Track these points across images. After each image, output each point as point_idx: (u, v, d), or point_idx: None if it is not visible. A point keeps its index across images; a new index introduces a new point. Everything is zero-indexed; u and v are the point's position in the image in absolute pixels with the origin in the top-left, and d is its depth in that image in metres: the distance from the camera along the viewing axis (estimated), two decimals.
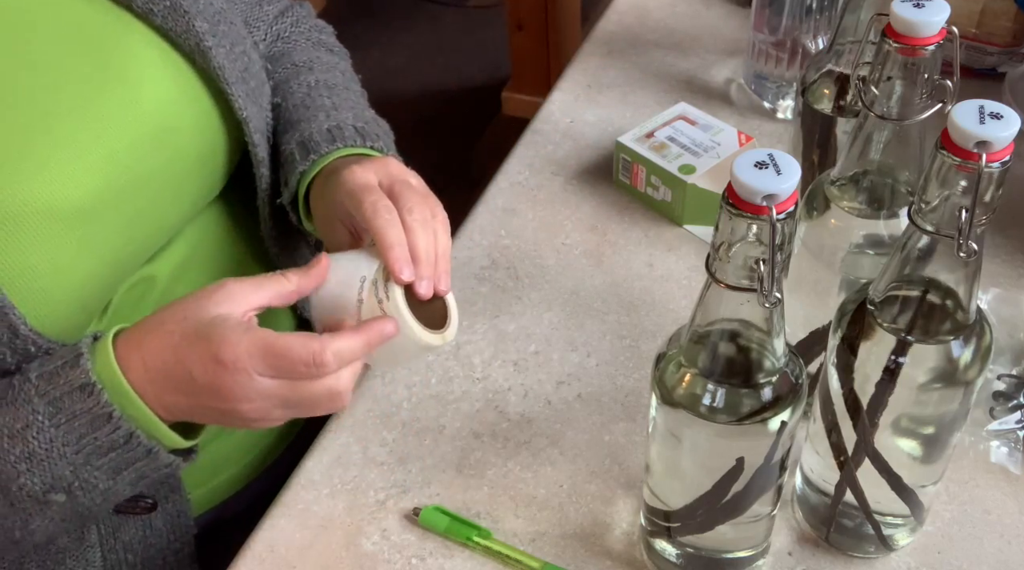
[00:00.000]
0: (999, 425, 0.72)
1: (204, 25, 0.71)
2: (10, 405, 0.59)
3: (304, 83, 0.82)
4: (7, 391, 0.59)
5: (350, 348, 0.58)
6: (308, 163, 0.73)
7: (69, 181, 0.64)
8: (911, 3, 0.55)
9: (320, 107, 0.79)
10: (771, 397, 0.53)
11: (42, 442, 0.58)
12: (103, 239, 0.67)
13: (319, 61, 0.86)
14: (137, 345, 0.59)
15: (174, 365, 0.58)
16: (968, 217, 0.47)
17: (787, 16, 0.94)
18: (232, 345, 0.57)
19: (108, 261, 0.68)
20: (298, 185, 0.74)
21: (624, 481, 0.71)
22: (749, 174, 0.45)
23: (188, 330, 0.58)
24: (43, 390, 0.58)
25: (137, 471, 0.60)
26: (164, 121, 0.70)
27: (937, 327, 0.54)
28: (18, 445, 0.58)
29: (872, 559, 0.66)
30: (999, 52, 1.00)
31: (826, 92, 0.75)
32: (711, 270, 0.49)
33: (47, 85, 0.65)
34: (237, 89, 0.73)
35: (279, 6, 0.88)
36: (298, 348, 0.57)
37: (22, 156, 0.63)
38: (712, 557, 0.62)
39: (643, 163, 0.90)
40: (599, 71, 1.09)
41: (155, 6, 0.69)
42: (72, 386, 0.58)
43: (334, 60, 0.88)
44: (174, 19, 0.70)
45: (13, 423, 0.58)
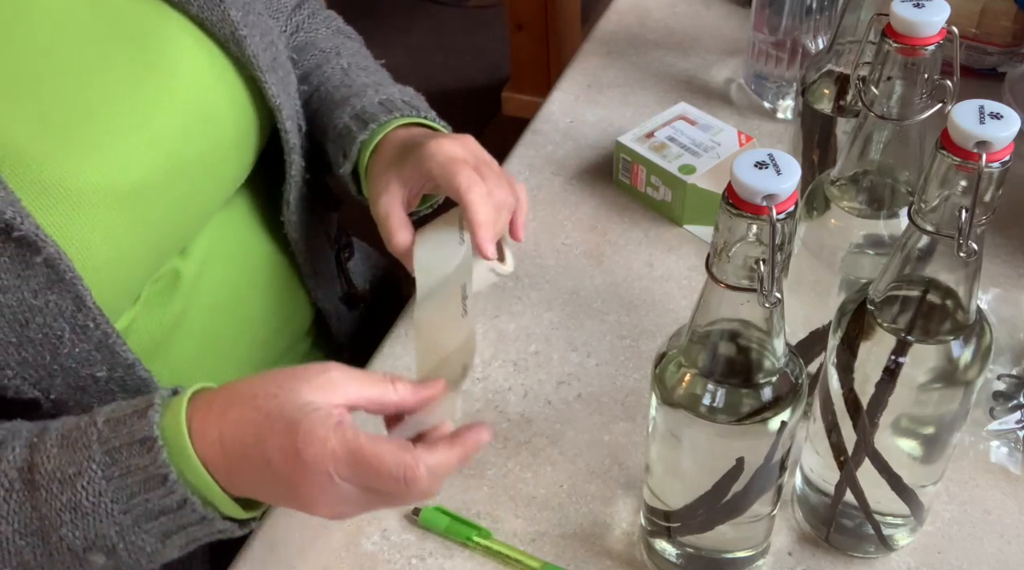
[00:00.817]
0: (999, 425, 0.72)
1: (238, 14, 0.72)
2: (70, 448, 0.56)
3: (338, 67, 0.85)
4: (71, 431, 0.57)
5: (445, 464, 0.55)
6: (367, 133, 0.75)
7: (121, 162, 0.65)
8: (911, 3, 0.55)
9: (364, 84, 0.82)
10: (771, 397, 0.53)
11: (90, 494, 0.55)
12: (151, 220, 0.68)
13: (344, 46, 0.89)
14: (220, 411, 0.56)
15: (253, 446, 0.55)
16: (968, 217, 0.47)
17: (787, 16, 0.94)
18: (319, 442, 0.53)
19: (153, 243, 0.69)
20: (359, 154, 0.76)
21: (624, 481, 0.71)
22: (749, 174, 0.45)
23: (275, 411, 0.55)
24: (105, 437, 0.56)
25: (188, 536, 0.58)
26: (202, 107, 0.71)
27: (937, 327, 0.54)
28: (66, 492, 0.55)
29: (872, 559, 0.66)
30: (999, 52, 1.00)
31: (826, 92, 0.75)
32: (711, 270, 0.49)
33: (92, 70, 0.66)
34: (270, 77, 0.75)
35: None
36: (389, 460, 0.53)
37: (78, 137, 0.64)
38: (712, 557, 0.62)
39: (643, 163, 0.90)
40: (599, 71, 1.09)
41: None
42: (133, 438, 0.55)
43: (356, 45, 0.91)
44: (209, 8, 0.71)
45: (67, 467, 0.55)
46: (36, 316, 0.62)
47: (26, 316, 0.62)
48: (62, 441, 0.57)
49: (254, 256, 0.82)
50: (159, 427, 0.55)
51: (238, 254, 0.80)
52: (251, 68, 0.73)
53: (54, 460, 0.56)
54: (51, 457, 0.56)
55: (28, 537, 0.56)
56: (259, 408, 0.55)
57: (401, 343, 0.82)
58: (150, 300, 0.72)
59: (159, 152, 0.68)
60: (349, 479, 0.54)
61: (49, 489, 0.55)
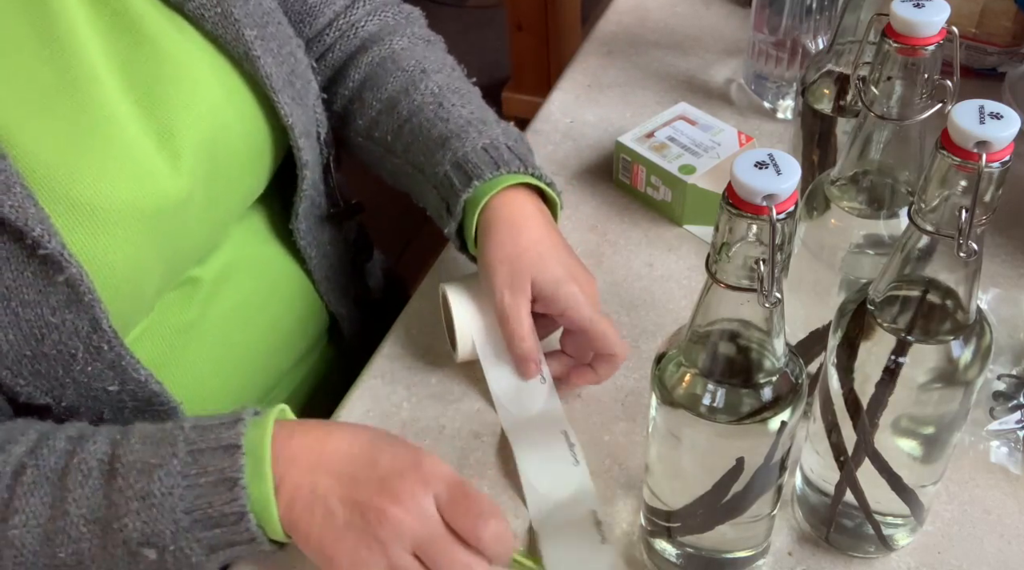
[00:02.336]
0: (999, 425, 0.72)
1: (253, 33, 0.72)
2: (154, 443, 0.60)
3: (428, 92, 0.81)
4: (156, 432, 0.61)
5: (510, 543, 0.61)
6: (471, 190, 0.74)
7: (145, 180, 0.66)
8: (911, 3, 0.55)
9: (463, 120, 0.79)
10: (771, 397, 0.53)
11: (164, 486, 0.58)
12: (170, 237, 0.69)
13: (427, 60, 0.85)
14: (327, 426, 0.63)
15: (361, 451, 0.61)
16: (968, 217, 0.47)
17: (787, 16, 0.94)
18: (435, 461, 0.61)
19: (171, 258, 0.70)
20: (464, 211, 0.75)
21: (624, 481, 0.71)
22: (749, 174, 0.45)
23: (396, 436, 0.63)
24: (191, 439, 0.59)
25: (231, 554, 0.61)
26: (217, 123, 0.71)
27: (937, 327, 0.54)
28: (142, 480, 0.58)
29: (872, 559, 0.66)
30: (999, 52, 1.00)
31: (826, 92, 0.75)
32: (711, 270, 0.49)
33: (116, 86, 0.67)
34: (283, 96, 0.74)
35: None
36: (484, 501, 0.60)
37: (105, 154, 0.64)
38: (712, 557, 0.62)
39: (643, 163, 0.90)
40: (599, 71, 1.09)
41: (206, 12, 0.70)
42: (219, 443, 0.59)
43: (439, 55, 0.87)
44: (224, 27, 0.71)
45: (150, 458, 0.59)
46: (52, 333, 0.63)
47: (42, 332, 0.63)
48: (146, 439, 0.60)
49: (270, 265, 0.82)
50: (245, 438, 0.59)
51: (255, 263, 0.80)
52: (264, 88, 0.73)
53: (137, 453, 0.59)
54: (134, 450, 0.59)
55: (91, 524, 0.58)
56: (379, 431, 0.63)
57: (402, 343, 0.82)
58: (165, 306, 0.73)
59: (180, 170, 0.69)
60: (439, 495, 0.60)
61: (127, 477, 0.58)
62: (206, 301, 0.76)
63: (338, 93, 0.86)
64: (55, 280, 0.61)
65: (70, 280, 0.61)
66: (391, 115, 0.81)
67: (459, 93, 0.82)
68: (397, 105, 0.81)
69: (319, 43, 0.86)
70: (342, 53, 0.86)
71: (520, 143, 0.79)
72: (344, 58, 0.86)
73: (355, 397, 0.77)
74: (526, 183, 0.76)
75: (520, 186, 0.76)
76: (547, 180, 0.77)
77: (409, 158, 0.80)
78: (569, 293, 0.71)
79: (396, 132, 0.81)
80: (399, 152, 0.81)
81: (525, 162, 0.76)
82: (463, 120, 0.78)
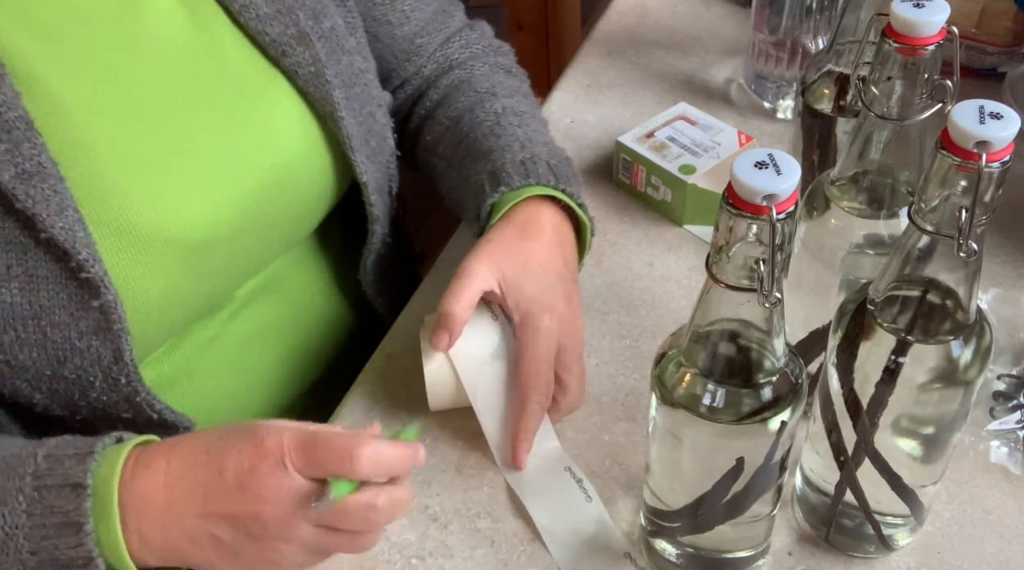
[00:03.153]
0: (999, 425, 0.72)
1: (341, 95, 0.74)
2: (3, 474, 0.56)
3: (491, 111, 0.82)
4: (12, 459, 0.57)
5: (388, 455, 0.56)
6: (497, 195, 0.74)
7: (197, 214, 0.67)
8: (911, 3, 0.55)
9: (512, 138, 0.79)
10: (771, 397, 0.53)
11: (8, 524, 0.55)
12: (210, 271, 0.70)
13: (501, 86, 0.86)
14: (169, 447, 0.58)
15: (205, 463, 0.56)
16: (968, 217, 0.47)
17: (787, 16, 0.94)
18: (271, 431, 0.56)
19: (207, 291, 0.72)
20: (489, 215, 0.75)
21: (624, 481, 0.71)
22: (749, 174, 0.45)
23: (227, 430, 0.58)
24: (40, 473, 0.56)
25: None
26: (289, 171, 0.73)
27: (937, 327, 0.54)
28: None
29: (872, 559, 0.66)
30: (999, 52, 1.00)
31: (826, 92, 0.75)
32: (711, 270, 0.49)
33: (189, 115, 0.68)
34: (360, 154, 0.76)
35: (445, 32, 0.88)
36: (338, 441, 0.56)
37: (161, 181, 0.65)
38: (712, 557, 0.62)
39: (643, 163, 0.90)
40: (599, 71, 1.09)
41: (301, 69, 0.72)
42: (66, 480, 0.56)
43: (515, 84, 0.89)
44: (315, 84, 0.73)
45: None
46: (75, 357, 0.63)
47: (65, 355, 0.63)
48: (2, 464, 0.57)
49: (303, 291, 0.83)
50: (92, 475, 0.56)
51: (282, 292, 0.81)
52: (344, 146, 0.75)
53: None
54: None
55: None
56: (209, 434, 0.58)
57: (402, 343, 0.82)
58: (192, 325, 0.73)
59: (235, 209, 0.70)
60: (302, 468, 0.55)
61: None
62: (229, 319, 0.77)
63: (415, 112, 0.88)
64: (90, 305, 0.62)
65: (104, 306, 0.62)
66: (454, 131, 0.83)
67: (520, 115, 0.83)
68: (461, 122, 0.83)
69: (417, 76, 0.88)
70: (432, 79, 0.88)
71: (563, 164, 0.78)
72: (430, 83, 0.88)
73: (355, 397, 0.77)
74: (560, 204, 0.76)
75: (547, 201, 0.75)
76: (579, 200, 0.76)
77: (461, 171, 0.81)
78: (530, 323, 0.69)
79: (455, 147, 0.82)
80: (455, 165, 0.82)
81: (559, 178, 0.75)
82: (512, 138, 0.79)
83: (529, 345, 0.69)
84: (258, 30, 0.71)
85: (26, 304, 0.61)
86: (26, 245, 0.60)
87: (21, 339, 0.62)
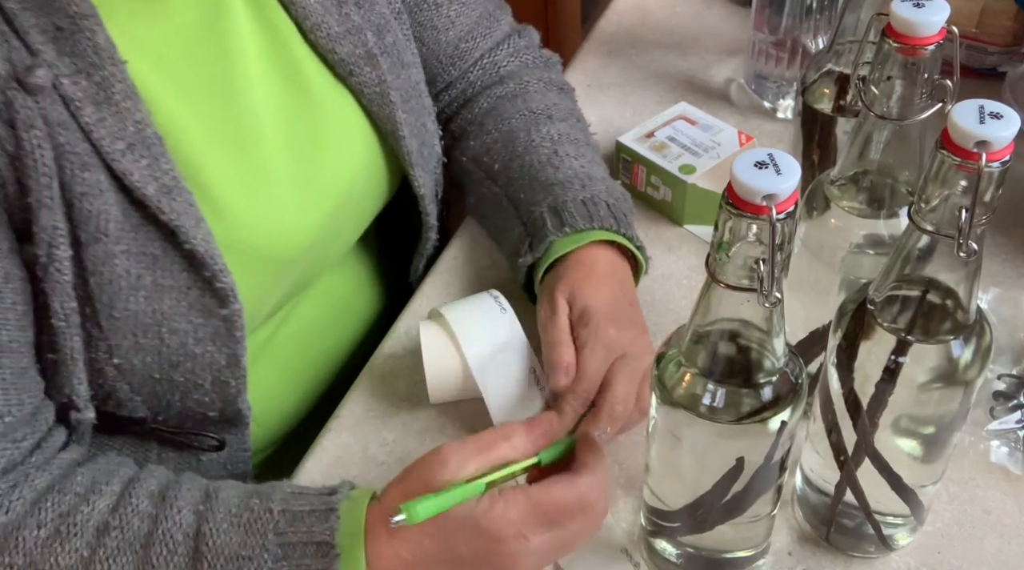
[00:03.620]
0: (999, 425, 0.72)
1: (404, 115, 0.76)
2: (243, 529, 0.58)
3: (548, 136, 0.83)
4: (243, 512, 0.58)
5: (598, 467, 0.59)
6: (561, 234, 0.75)
7: (289, 234, 0.70)
8: (911, 3, 0.55)
9: (571, 171, 0.79)
10: (771, 397, 0.53)
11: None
12: (285, 283, 0.74)
13: (556, 107, 0.87)
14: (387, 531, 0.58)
15: (436, 551, 0.57)
16: (968, 217, 0.47)
17: (787, 16, 0.94)
18: (500, 518, 0.56)
19: (278, 301, 0.75)
20: (546, 251, 0.76)
21: (624, 481, 0.71)
22: (749, 174, 0.45)
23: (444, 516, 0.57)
24: (281, 529, 0.57)
25: None
26: (357, 188, 0.76)
27: (937, 327, 0.54)
28: (230, 568, 0.56)
29: (872, 559, 0.66)
30: (999, 52, 1.00)
31: (826, 92, 0.75)
32: (711, 270, 0.49)
33: (280, 140, 0.70)
34: (418, 169, 0.79)
35: (492, 38, 0.89)
36: (566, 495, 0.57)
37: (260, 206, 0.68)
38: (712, 557, 0.62)
39: (643, 163, 0.90)
40: (599, 71, 1.09)
41: (367, 89, 0.74)
42: (311, 538, 0.57)
43: (568, 105, 0.89)
44: (380, 104, 0.75)
45: (239, 548, 0.57)
46: (187, 362, 0.65)
47: (179, 359, 0.65)
48: (233, 519, 0.58)
49: (338, 295, 0.85)
50: (338, 534, 0.57)
51: (325, 292, 0.83)
52: (403, 162, 0.78)
53: (224, 536, 0.57)
54: (221, 531, 0.57)
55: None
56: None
57: (403, 342, 0.82)
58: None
59: (316, 227, 0.73)
60: (543, 533, 0.57)
61: (213, 563, 0.56)
62: (281, 321, 0.79)
63: (461, 115, 0.89)
64: (216, 313, 0.64)
65: (230, 315, 0.65)
66: (507, 147, 0.83)
67: (576, 144, 0.83)
68: (515, 139, 0.83)
69: (462, 80, 0.89)
70: (480, 87, 0.89)
71: (621, 201, 0.79)
72: (479, 90, 0.89)
73: (355, 397, 0.77)
74: (615, 242, 0.77)
75: (607, 243, 0.76)
76: (637, 242, 0.77)
77: (509, 191, 0.81)
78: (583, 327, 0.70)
79: (506, 164, 0.83)
80: (501, 182, 0.82)
81: (619, 222, 0.76)
82: (572, 171, 0.79)
83: (581, 352, 0.69)
84: (328, 48, 0.72)
85: (149, 312, 0.63)
86: (156, 256, 0.62)
87: (139, 345, 0.64)
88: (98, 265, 0.60)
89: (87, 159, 0.59)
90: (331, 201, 0.74)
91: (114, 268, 0.61)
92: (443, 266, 0.88)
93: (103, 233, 0.60)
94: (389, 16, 0.77)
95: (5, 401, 0.58)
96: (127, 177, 0.60)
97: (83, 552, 0.56)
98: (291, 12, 0.71)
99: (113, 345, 0.63)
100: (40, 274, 0.59)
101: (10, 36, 0.57)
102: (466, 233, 0.91)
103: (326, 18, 0.72)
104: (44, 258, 0.58)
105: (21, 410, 0.59)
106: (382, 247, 0.93)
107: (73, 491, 0.58)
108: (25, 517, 0.56)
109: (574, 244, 0.74)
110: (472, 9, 0.86)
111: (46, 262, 0.59)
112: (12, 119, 0.56)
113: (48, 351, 0.62)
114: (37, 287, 0.60)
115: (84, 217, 0.59)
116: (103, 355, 0.63)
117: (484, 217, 0.86)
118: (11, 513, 0.56)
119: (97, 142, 0.59)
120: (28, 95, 0.56)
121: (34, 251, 0.58)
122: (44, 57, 0.57)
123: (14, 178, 0.57)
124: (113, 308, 0.62)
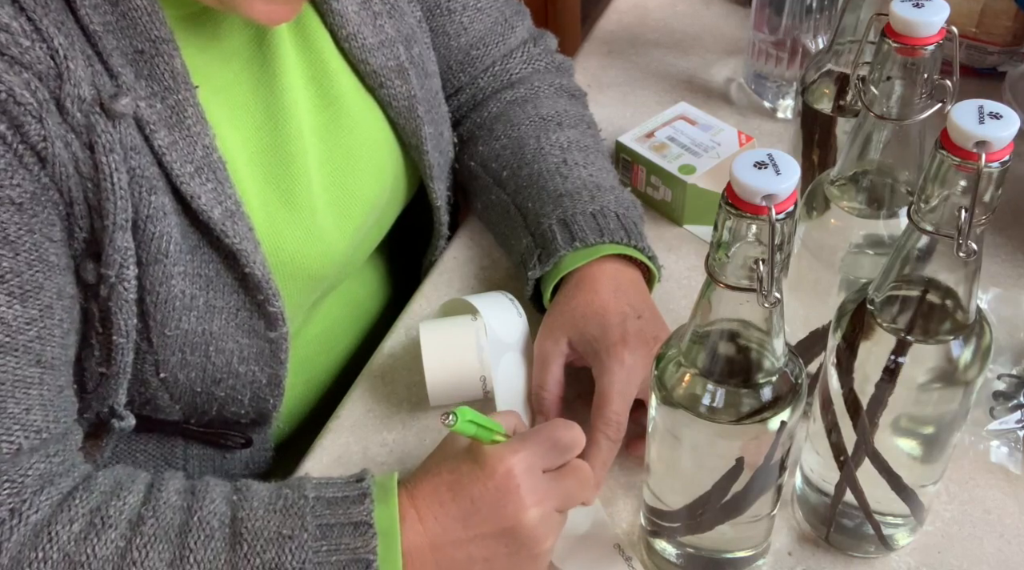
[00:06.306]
0: (999, 425, 0.72)
1: (430, 130, 0.77)
2: (280, 512, 0.58)
3: (557, 144, 0.82)
4: (276, 499, 0.59)
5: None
6: (571, 250, 0.74)
7: (327, 252, 0.72)
8: (911, 3, 0.55)
9: (580, 182, 0.79)
10: (771, 397, 0.53)
11: (296, 558, 0.56)
12: (315, 295, 0.76)
13: (566, 114, 0.86)
14: (410, 497, 0.59)
15: (452, 499, 0.59)
16: (968, 217, 0.47)
17: (787, 16, 0.94)
18: (507, 451, 0.59)
19: (306, 311, 0.77)
20: (555, 265, 0.75)
21: (624, 481, 0.71)
22: (749, 174, 0.45)
23: (445, 462, 0.61)
24: (319, 512, 0.58)
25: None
26: (383, 200, 0.77)
27: (937, 327, 0.54)
28: (270, 550, 0.56)
29: (872, 559, 0.66)
30: (999, 52, 1.00)
31: (826, 92, 0.75)
32: (711, 270, 0.49)
33: (320, 161, 0.71)
34: (437, 182, 0.80)
35: (505, 45, 0.88)
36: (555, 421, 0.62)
37: (294, 219, 0.69)
38: (712, 557, 0.62)
39: (643, 163, 0.90)
40: (599, 71, 1.09)
41: (395, 102, 0.75)
42: (349, 519, 0.58)
43: (579, 111, 0.89)
44: (407, 118, 0.76)
45: (280, 527, 0.57)
46: (229, 379, 0.67)
47: (222, 376, 0.67)
48: (268, 506, 0.58)
49: (355, 297, 0.86)
50: (375, 515, 0.58)
51: (344, 294, 0.84)
52: (424, 176, 0.79)
53: (261, 520, 0.57)
54: (257, 517, 0.58)
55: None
56: (433, 470, 0.61)
57: (403, 342, 0.82)
58: None
59: (350, 243, 0.74)
60: (542, 459, 0.59)
61: (253, 545, 0.57)
62: (303, 323, 0.80)
63: (470, 118, 0.89)
64: (265, 335, 0.66)
65: (278, 338, 0.66)
66: (516, 154, 0.83)
67: (586, 151, 0.83)
68: (524, 146, 0.83)
69: (472, 86, 0.89)
70: (490, 91, 0.89)
71: (631, 211, 0.78)
72: (489, 95, 0.89)
73: (355, 397, 0.77)
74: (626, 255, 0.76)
75: (618, 256, 0.75)
76: (649, 253, 0.76)
77: (516, 199, 0.81)
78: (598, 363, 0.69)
79: (514, 171, 0.82)
80: (509, 190, 0.82)
81: (630, 234, 0.75)
82: (580, 181, 0.79)
83: (600, 382, 0.69)
84: (361, 59, 0.73)
85: (199, 331, 0.64)
86: (210, 277, 0.63)
87: (186, 361, 0.65)
88: (156, 285, 0.61)
89: (155, 182, 0.60)
90: (362, 215, 0.75)
91: (171, 288, 0.62)
92: (443, 266, 0.88)
93: (163, 254, 0.61)
94: (415, 26, 0.77)
95: (44, 417, 0.58)
96: (194, 200, 0.61)
97: (118, 542, 0.56)
98: (326, 20, 0.71)
99: (161, 360, 0.64)
100: (105, 293, 0.60)
101: (94, 60, 0.57)
102: (466, 233, 0.91)
103: (362, 28, 0.72)
104: (114, 278, 0.59)
105: (56, 427, 0.59)
106: (392, 248, 0.94)
107: (99, 490, 0.58)
108: (56, 513, 0.56)
109: (584, 259, 0.74)
110: (487, 15, 0.86)
111: (115, 281, 0.59)
112: (92, 142, 0.57)
113: (101, 365, 0.63)
114: (95, 305, 0.61)
115: (147, 238, 0.60)
116: (149, 367, 0.64)
117: (491, 223, 0.86)
118: (40, 512, 0.56)
119: (168, 166, 0.60)
120: (109, 120, 0.57)
121: (104, 271, 0.59)
122: (123, 80, 0.58)
123: (84, 199, 0.57)
124: (166, 326, 0.63)
